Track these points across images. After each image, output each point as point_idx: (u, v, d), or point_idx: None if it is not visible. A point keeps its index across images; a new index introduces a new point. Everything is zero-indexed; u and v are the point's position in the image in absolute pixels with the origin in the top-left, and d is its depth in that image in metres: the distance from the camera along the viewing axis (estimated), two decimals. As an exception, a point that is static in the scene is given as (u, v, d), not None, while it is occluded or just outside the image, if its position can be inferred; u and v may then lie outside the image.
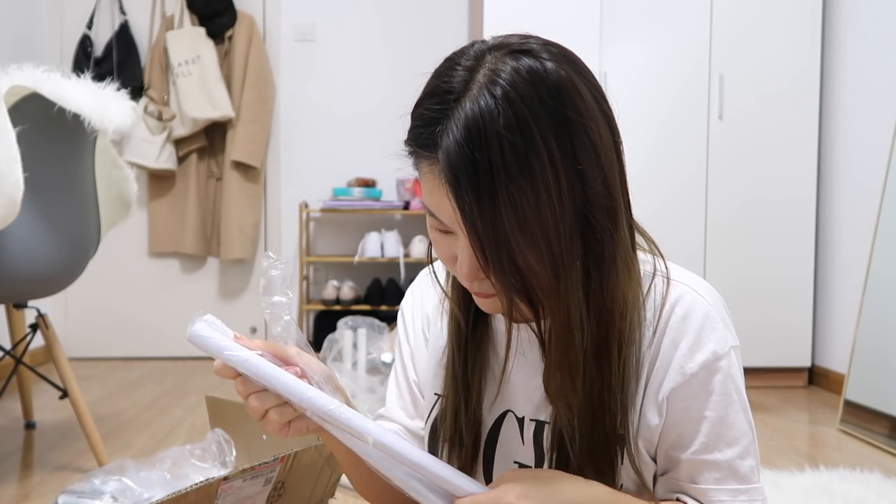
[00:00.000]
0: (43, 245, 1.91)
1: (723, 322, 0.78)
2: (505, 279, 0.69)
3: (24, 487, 1.93)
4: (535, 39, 0.72)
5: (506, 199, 0.66)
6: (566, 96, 0.68)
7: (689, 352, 0.76)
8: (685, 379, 0.76)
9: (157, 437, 2.38)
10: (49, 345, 2.10)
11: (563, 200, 0.68)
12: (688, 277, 0.80)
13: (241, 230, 3.76)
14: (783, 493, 1.89)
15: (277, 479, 1.11)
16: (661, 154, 3.17)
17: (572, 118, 0.68)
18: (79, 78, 1.91)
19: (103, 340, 3.84)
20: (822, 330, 3.23)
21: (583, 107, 0.69)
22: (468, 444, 0.84)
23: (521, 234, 0.67)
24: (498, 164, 0.65)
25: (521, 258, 0.68)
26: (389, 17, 3.89)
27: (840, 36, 3.14)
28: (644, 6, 3.15)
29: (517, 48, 0.70)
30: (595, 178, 0.69)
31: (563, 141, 0.67)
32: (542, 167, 0.66)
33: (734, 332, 0.80)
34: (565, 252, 0.69)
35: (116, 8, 3.77)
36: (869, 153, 2.92)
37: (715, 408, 0.77)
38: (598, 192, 0.70)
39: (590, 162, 0.69)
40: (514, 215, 0.66)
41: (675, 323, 0.77)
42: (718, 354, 0.76)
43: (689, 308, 0.77)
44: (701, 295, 0.78)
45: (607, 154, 0.71)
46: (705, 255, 3.19)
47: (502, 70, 0.68)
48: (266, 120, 3.80)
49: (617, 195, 0.72)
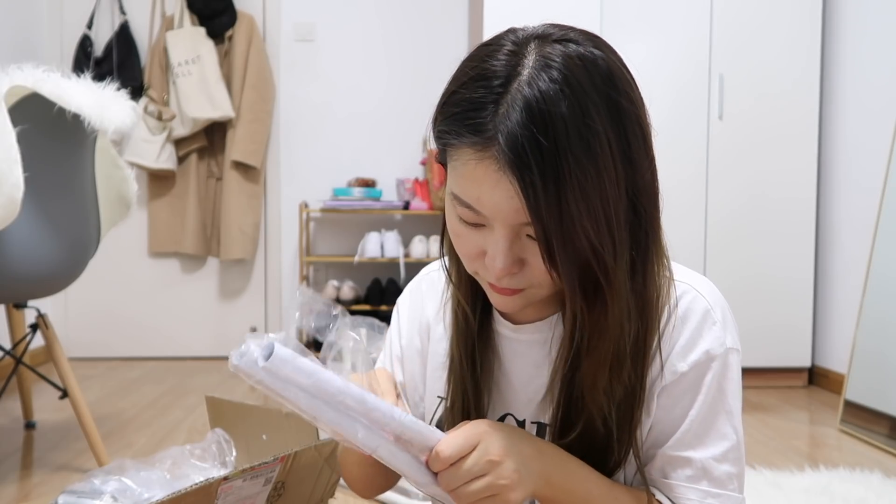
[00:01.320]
0: (43, 245, 1.91)
1: (722, 323, 0.77)
2: (570, 267, 0.67)
3: (24, 487, 1.93)
4: (572, 30, 0.72)
5: (573, 184, 0.64)
6: (619, 83, 0.68)
7: (682, 351, 0.76)
8: (675, 378, 0.76)
9: (157, 437, 2.38)
10: (49, 345, 2.10)
11: (620, 187, 0.67)
12: (690, 276, 0.80)
13: (241, 230, 3.76)
14: (783, 493, 1.88)
15: (277, 479, 1.11)
16: (660, 154, 3.16)
17: (625, 106, 0.68)
18: (79, 78, 1.91)
19: (103, 340, 3.84)
20: (822, 330, 3.23)
21: (633, 95, 0.70)
22: None
23: (588, 219, 0.65)
24: (565, 147, 0.63)
25: (586, 245, 0.66)
26: (389, 17, 3.89)
27: (840, 36, 3.14)
28: (644, 6, 3.15)
29: (560, 37, 0.69)
30: (645, 165, 0.70)
31: (617, 127, 0.67)
32: (603, 151, 0.65)
33: (735, 335, 0.78)
34: (622, 240, 0.69)
35: (116, 8, 3.77)
36: (869, 153, 2.92)
37: (699, 407, 0.76)
38: (647, 179, 0.71)
39: (640, 150, 0.70)
40: (581, 200, 0.64)
41: (675, 322, 0.76)
42: (711, 354, 0.75)
43: (688, 308, 0.77)
44: (702, 294, 0.78)
45: (652, 143, 0.72)
46: (705, 254, 3.19)
47: (553, 55, 0.66)
48: (266, 120, 3.80)
49: (658, 185, 0.73)
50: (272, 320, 3.92)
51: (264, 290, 3.93)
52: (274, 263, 3.93)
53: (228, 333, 3.92)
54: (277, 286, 3.92)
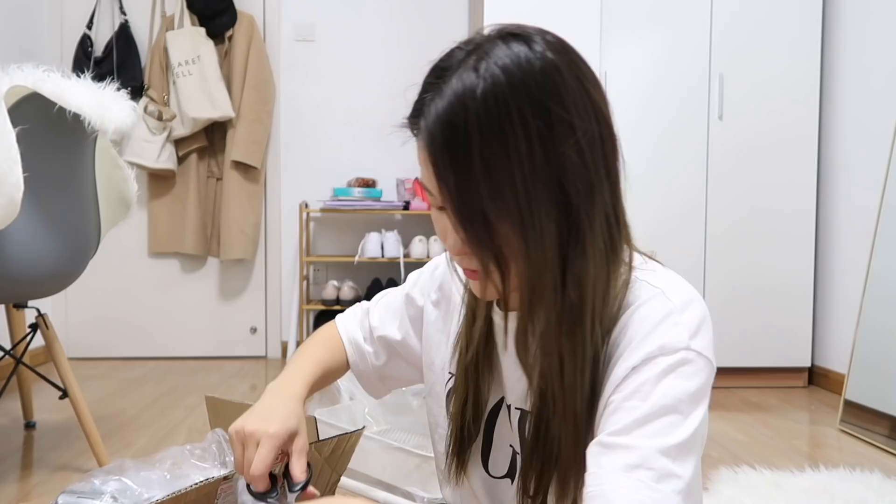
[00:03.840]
0: (43, 245, 1.91)
1: (688, 325, 0.72)
2: (478, 241, 0.72)
3: (24, 487, 1.93)
4: (534, 28, 0.75)
5: (478, 160, 0.69)
6: (548, 74, 0.71)
7: (635, 347, 0.72)
8: (626, 373, 0.71)
9: (157, 437, 2.38)
10: (49, 345, 2.10)
11: (535, 164, 0.70)
12: (667, 282, 0.77)
13: (241, 230, 3.76)
14: (783, 493, 1.88)
15: (277, 479, 1.10)
16: (661, 154, 3.17)
17: (550, 90, 0.70)
18: (79, 78, 1.90)
19: (103, 340, 3.84)
20: (822, 330, 3.23)
21: (562, 85, 0.71)
22: (472, 430, 0.88)
23: (491, 194, 0.70)
24: (473, 127, 0.69)
25: (493, 219, 0.71)
26: (389, 17, 3.89)
27: (840, 36, 3.14)
28: (644, 6, 3.15)
29: (512, 31, 0.74)
30: (569, 146, 0.71)
31: (537, 109, 0.69)
32: (513, 130, 0.69)
33: (705, 343, 0.73)
34: (536, 216, 0.70)
35: (116, 8, 3.77)
36: (869, 153, 2.92)
37: (644, 399, 0.69)
38: (573, 160, 0.71)
39: (564, 131, 0.70)
40: (485, 176, 0.69)
41: (636, 322, 0.74)
42: (666, 349, 0.71)
43: (652, 309, 0.74)
44: (670, 299, 0.74)
45: (587, 131, 0.72)
46: (705, 256, 3.19)
47: (490, 49, 0.72)
48: (266, 120, 3.80)
49: (594, 171, 0.73)
50: (272, 320, 3.92)
51: (264, 290, 3.93)
52: (274, 263, 3.93)
53: (228, 333, 3.92)
54: (277, 286, 3.92)
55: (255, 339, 3.94)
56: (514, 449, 0.86)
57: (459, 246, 0.75)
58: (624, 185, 0.78)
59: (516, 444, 0.86)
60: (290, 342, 3.76)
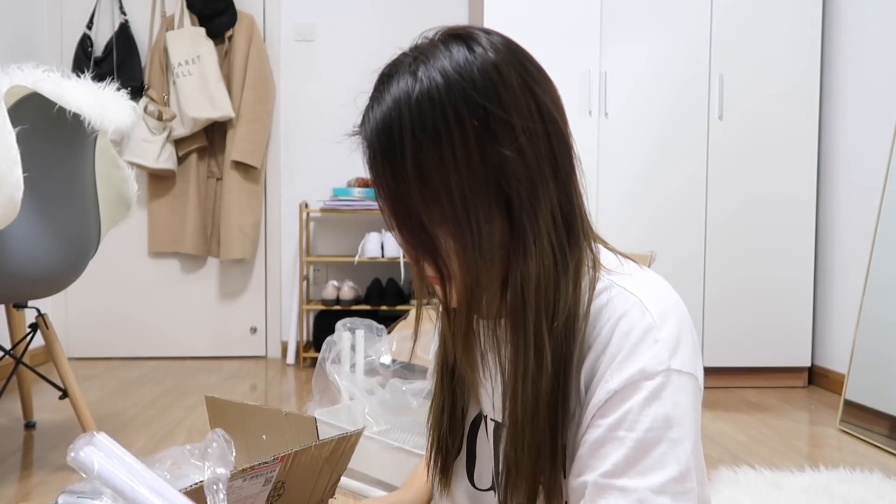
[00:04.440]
0: (43, 245, 1.91)
1: (667, 342, 0.70)
2: (416, 245, 0.72)
3: (24, 487, 1.93)
4: (480, 29, 0.75)
5: (411, 164, 0.69)
6: (486, 74, 0.70)
7: (616, 368, 0.70)
8: (609, 396, 0.70)
9: (157, 437, 2.38)
10: (49, 345, 2.10)
11: (472, 165, 0.69)
12: (646, 289, 0.74)
13: (241, 230, 3.76)
14: (783, 493, 1.88)
15: (277, 479, 1.11)
16: (660, 154, 3.17)
17: (487, 89, 0.70)
18: (79, 78, 1.91)
19: (103, 340, 3.84)
20: (822, 330, 3.23)
21: (501, 84, 0.70)
22: (451, 442, 0.86)
23: (426, 199, 0.70)
24: (407, 130, 0.69)
25: (428, 223, 0.71)
26: (389, 18, 3.89)
27: (840, 36, 3.14)
28: (644, 6, 3.15)
29: (455, 33, 0.74)
30: (508, 146, 0.70)
31: (473, 109, 0.69)
32: (448, 131, 0.68)
33: (686, 358, 0.71)
34: (473, 219, 0.70)
35: (116, 8, 3.77)
36: (869, 153, 2.92)
37: (630, 428, 0.68)
38: (513, 160, 0.70)
39: (502, 130, 0.70)
40: (419, 180, 0.69)
41: (616, 339, 0.71)
42: (647, 373, 0.69)
43: (631, 325, 0.71)
44: (648, 310, 0.71)
45: (528, 129, 0.71)
46: (705, 254, 3.19)
47: (431, 53, 0.72)
48: (266, 120, 3.80)
49: (536, 170, 0.71)
50: (272, 320, 3.92)
51: (264, 290, 3.93)
52: (274, 263, 3.93)
53: (228, 333, 3.92)
54: (277, 286, 3.92)
55: (255, 339, 3.94)
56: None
57: (410, 251, 0.75)
58: (582, 181, 0.76)
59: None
60: (289, 342, 3.76)
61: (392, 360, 2.19)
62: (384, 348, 2.27)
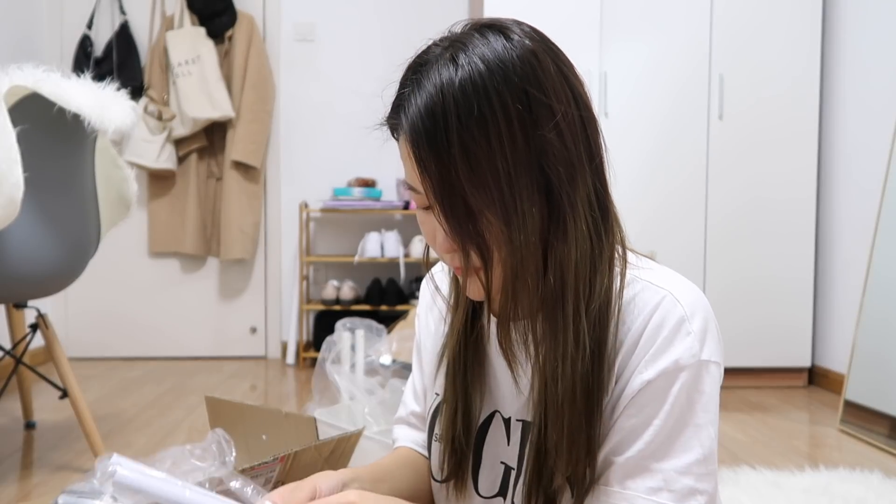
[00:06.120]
0: (43, 245, 1.91)
1: (698, 334, 0.73)
2: (461, 231, 0.71)
3: (24, 487, 1.93)
4: (510, 20, 0.76)
5: (458, 148, 0.69)
6: (526, 60, 0.71)
7: (651, 359, 0.73)
8: (643, 386, 0.73)
9: (157, 437, 2.38)
10: (49, 345, 2.10)
11: (516, 147, 0.70)
12: (672, 282, 0.77)
13: (241, 230, 3.76)
14: (783, 493, 1.88)
15: (277, 479, 1.11)
16: (661, 154, 3.17)
17: (528, 74, 0.71)
18: (79, 78, 1.91)
19: (103, 340, 3.84)
20: (822, 330, 3.23)
21: (540, 70, 0.71)
22: (462, 445, 0.84)
23: (473, 181, 0.69)
24: (452, 115, 0.69)
25: (475, 207, 0.70)
26: (389, 18, 3.89)
27: (840, 36, 3.14)
28: (644, 6, 3.15)
29: (487, 24, 0.74)
30: (549, 129, 0.71)
31: (516, 93, 0.70)
32: (493, 114, 0.69)
33: (714, 348, 0.74)
34: (518, 200, 0.70)
35: (116, 8, 3.77)
36: (869, 153, 2.92)
37: (665, 417, 0.72)
38: (554, 143, 0.71)
39: (543, 114, 0.71)
40: (466, 163, 0.69)
41: (649, 331, 0.74)
42: (681, 364, 0.72)
43: (664, 316, 0.74)
44: (679, 302, 0.74)
45: (567, 114, 0.72)
46: (705, 254, 3.19)
47: (467, 41, 0.73)
48: (266, 120, 3.80)
49: (575, 154, 0.73)
50: (272, 320, 3.92)
51: (264, 290, 3.93)
52: (274, 263, 3.93)
53: (228, 333, 3.92)
54: (277, 286, 3.92)
55: (255, 339, 3.94)
56: (506, 465, 0.83)
57: (447, 243, 0.74)
58: (609, 173, 0.79)
59: (510, 460, 0.83)
60: (289, 342, 3.76)
61: (392, 360, 2.19)
62: (384, 348, 2.27)
